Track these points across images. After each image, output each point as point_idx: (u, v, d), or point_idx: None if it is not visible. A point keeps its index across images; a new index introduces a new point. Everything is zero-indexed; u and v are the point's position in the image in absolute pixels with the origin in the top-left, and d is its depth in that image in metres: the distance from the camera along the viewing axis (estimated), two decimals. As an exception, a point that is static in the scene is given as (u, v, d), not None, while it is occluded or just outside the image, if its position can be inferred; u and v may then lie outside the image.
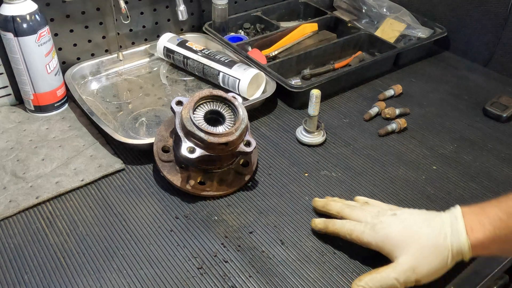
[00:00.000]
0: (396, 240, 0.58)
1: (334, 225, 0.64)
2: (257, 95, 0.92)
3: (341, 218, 0.64)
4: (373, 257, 0.64)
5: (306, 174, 0.78)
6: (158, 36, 1.03)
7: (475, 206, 0.58)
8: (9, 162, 0.76)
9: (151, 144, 0.75)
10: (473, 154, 0.83)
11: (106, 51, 1.01)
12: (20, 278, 0.60)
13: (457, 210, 0.58)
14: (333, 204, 0.67)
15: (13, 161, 0.77)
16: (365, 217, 0.61)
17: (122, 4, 0.93)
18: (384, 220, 0.60)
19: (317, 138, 0.84)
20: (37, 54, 0.81)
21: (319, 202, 0.69)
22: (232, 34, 1.12)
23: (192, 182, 0.72)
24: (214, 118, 0.72)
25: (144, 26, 1.03)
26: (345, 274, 0.62)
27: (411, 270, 0.55)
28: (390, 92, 0.97)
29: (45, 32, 0.81)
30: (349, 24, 1.14)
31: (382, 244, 0.59)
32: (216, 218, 0.69)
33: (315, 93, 0.79)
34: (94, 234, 0.66)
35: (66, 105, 0.90)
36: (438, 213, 0.59)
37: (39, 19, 0.79)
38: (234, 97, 0.73)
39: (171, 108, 0.70)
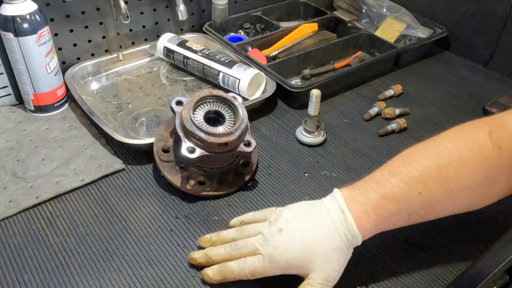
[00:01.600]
0: (299, 261, 0.56)
1: (232, 273, 0.58)
2: (257, 95, 0.92)
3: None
4: (373, 256, 0.64)
5: (306, 174, 0.78)
6: (158, 36, 1.03)
7: (354, 190, 0.58)
8: (9, 162, 0.76)
9: (151, 144, 0.75)
10: (473, 154, 0.83)
11: (106, 51, 1.01)
12: (20, 278, 0.60)
13: (339, 198, 0.57)
14: (216, 252, 0.60)
15: (13, 161, 0.77)
16: (256, 248, 0.57)
17: (122, 4, 0.93)
18: (277, 245, 0.56)
19: (317, 138, 0.84)
20: (37, 54, 0.81)
21: (200, 259, 0.61)
22: (232, 34, 1.12)
23: (192, 182, 0.72)
24: (214, 118, 0.72)
25: (144, 26, 1.03)
26: (345, 274, 0.62)
27: (325, 281, 0.56)
28: (390, 92, 0.97)
29: (45, 32, 0.81)
30: (349, 24, 1.14)
31: (289, 270, 0.57)
32: (216, 218, 0.69)
33: (315, 93, 0.79)
34: (94, 234, 0.66)
35: (66, 105, 0.90)
36: (320, 203, 0.58)
37: (39, 19, 0.79)
38: (234, 97, 0.73)
39: (171, 108, 0.70)
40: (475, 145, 0.56)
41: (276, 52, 1.05)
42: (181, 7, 1.00)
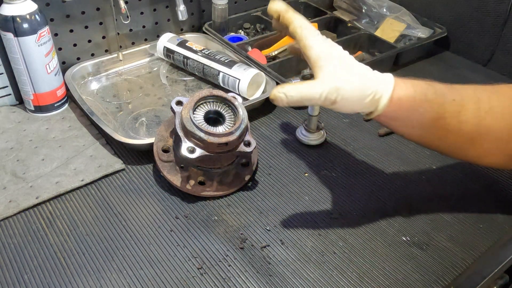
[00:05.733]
0: (325, 58, 0.56)
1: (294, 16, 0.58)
2: (257, 95, 0.92)
3: None
4: (374, 256, 0.64)
5: (306, 174, 0.78)
6: (158, 36, 1.03)
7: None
8: (9, 162, 0.76)
9: (151, 144, 0.75)
10: (473, 154, 0.83)
11: (106, 51, 1.01)
12: (20, 278, 0.60)
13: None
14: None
15: (13, 161, 0.77)
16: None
17: (122, 4, 0.93)
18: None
19: (317, 138, 0.84)
20: (37, 54, 0.81)
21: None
22: (232, 34, 1.12)
23: (192, 182, 0.72)
24: (214, 118, 0.72)
25: (144, 26, 1.03)
26: (345, 274, 0.62)
27: (335, 89, 0.55)
28: (390, 92, 0.96)
29: (45, 32, 0.81)
30: (349, 24, 1.14)
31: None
32: (216, 218, 0.69)
33: (315, 93, 0.79)
34: (94, 234, 0.66)
35: (66, 105, 0.90)
36: None
37: (39, 19, 0.79)
38: (234, 97, 0.73)
39: (171, 108, 0.70)
40: None
41: (276, 52, 1.05)
42: (181, 7, 1.00)
